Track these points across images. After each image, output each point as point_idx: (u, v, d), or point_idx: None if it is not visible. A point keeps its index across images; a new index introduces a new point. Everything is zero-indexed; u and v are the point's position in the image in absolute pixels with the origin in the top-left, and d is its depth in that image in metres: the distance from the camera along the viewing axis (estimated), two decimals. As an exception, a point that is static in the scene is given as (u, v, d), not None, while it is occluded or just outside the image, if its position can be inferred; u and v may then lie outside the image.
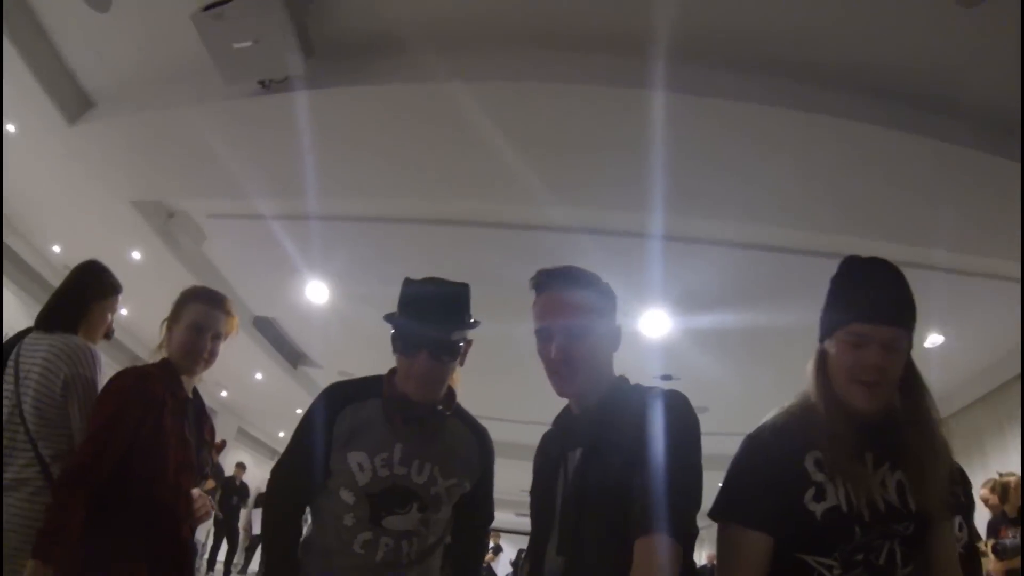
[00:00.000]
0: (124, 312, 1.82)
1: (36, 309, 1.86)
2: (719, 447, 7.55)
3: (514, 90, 2.84)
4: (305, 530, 1.38)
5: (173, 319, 1.65)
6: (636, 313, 4.39)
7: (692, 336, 4.77)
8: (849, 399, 1.05)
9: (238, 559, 8.13)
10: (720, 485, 1.11)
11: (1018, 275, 3.47)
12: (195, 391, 1.73)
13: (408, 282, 1.34)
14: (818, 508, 1.01)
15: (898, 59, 2.66)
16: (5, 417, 1.63)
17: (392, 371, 1.35)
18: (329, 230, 4.00)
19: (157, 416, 1.51)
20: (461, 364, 1.37)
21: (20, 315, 4.84)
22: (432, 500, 1.32)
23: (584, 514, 1.05)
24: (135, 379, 1.54)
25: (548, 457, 1.20)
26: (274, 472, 1.39)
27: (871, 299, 1.06)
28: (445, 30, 2.83)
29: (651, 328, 4.60)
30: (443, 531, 1.41)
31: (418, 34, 2.83)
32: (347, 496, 1.29)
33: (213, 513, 1.63)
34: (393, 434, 1.31)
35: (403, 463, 1.30)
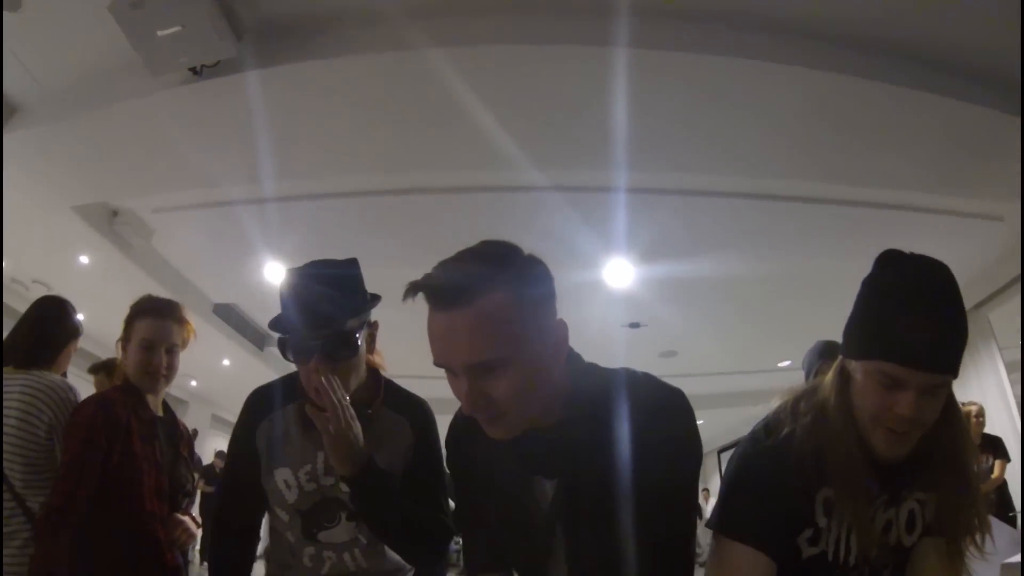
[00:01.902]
0: (81, 316, 1.77)
1: (-11, 331, 1.78)
2: (689, 387, 7.86)
3: (471, 54, 2.74)
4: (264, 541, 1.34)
5: (124, 338, 1.56)
6: (601, 264, 4.44)
7: (658, 284, 4.85)
8: (872, 443, 0.89)
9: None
10: (723, 489, 0.99)
11: (966, 210, 3.65)
12: (165, 406, 1.66)
13: (289, 273, 1.16)
14: (807, 551, 0.93)
15: (850, 5, 2.68)
16: None
17: None
18: (283, 210, 3.89)
19: (125, 443, 1.45)
20: (371, 351, 1.24)
21: None
22: None
23: (588, 536, 0.85)
24: (95, 407, 1.47)
25: (493, 474, 0.93)
26: (214, 505, 1.34)
27: (912, 334, 0.82)
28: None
29: (616, 278, 4.67)
30: None
31: (363, 4, 2.71)
32: (282, 514, 1.23)
33: (199, 535, 1.59)
34: (313, 443, 1.19)
35: (329, 473, 1.19)
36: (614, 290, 4.86)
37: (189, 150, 3.32)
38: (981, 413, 4.41)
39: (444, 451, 1.07)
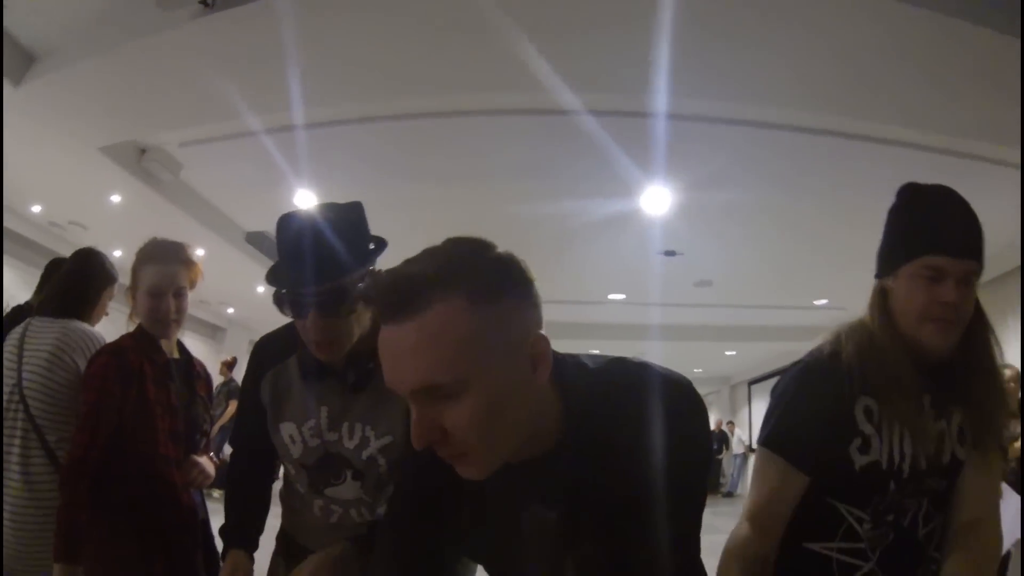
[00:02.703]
0: (118, 254, 1.81)
1: (28, 273, 1.83)
2: (724, 318, 7.76)
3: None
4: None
5: (133, 285, 1.55)
6: (638, 191, 4.30)
7: (696, 214, 4.69)
8: (922, 339, 0.98)
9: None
10: (768, 409, 1.06)
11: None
12: (181, 347, 1.66)
13: (282, 221, 1.08)
14: (859, 460, 0.98)
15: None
16: (5, 398, 1.60)
17: None
18: (311, 138, 3.81)
19: (139, 389, 1.45)
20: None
21: (14, 282, 4.84)
22: (366, 465, 1.16)
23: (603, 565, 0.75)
24: (109, 356, 1.48)
25: (475, 505, 0.80)
26: (230, 442, 1.34)
27: (948, 229, 0.98)
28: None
29: (653, 205, 4.53)
30: None
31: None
32: (289, 467, 1.23)
33: (214, 475, 1.60)
34: (316, 397, 1.16)
35: (332, 428, 1.16)
36: (651, 218, 4.73)
37: (211, 82, 3.26)
38: (1016, 378, 4.18)
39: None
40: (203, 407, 1.65)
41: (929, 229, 0.99)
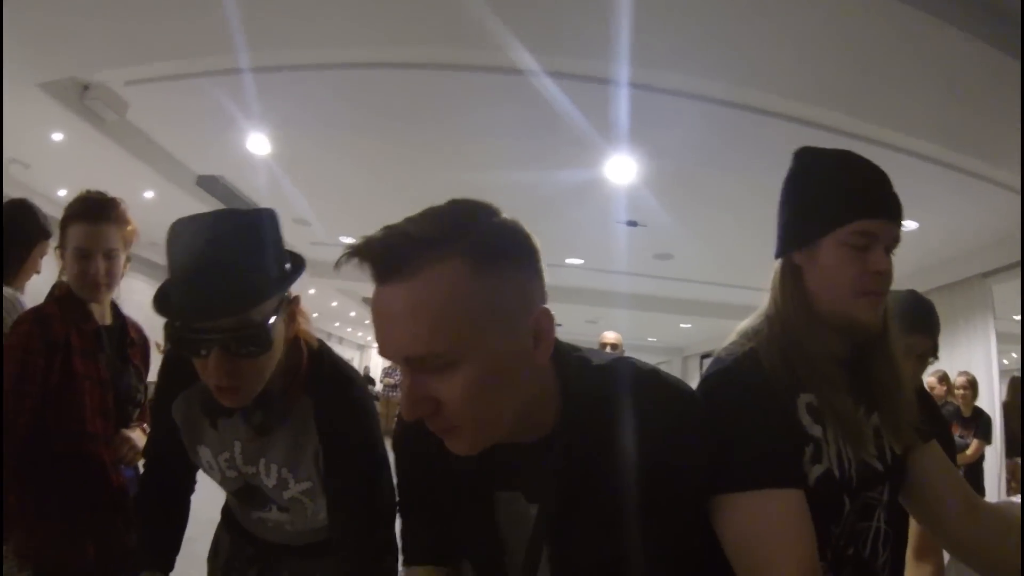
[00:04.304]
0: (62, 193, 1.66)
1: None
2: (680, 292, 7.91)
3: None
4: None
5: (61, 245, 1.42)
6: (602, 159, 4.27)
7: (659, 185, 4.67)
8: (855, 315, 0.84)
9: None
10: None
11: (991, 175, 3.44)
12: (116, 312, 1.53)
13: (175, 228, 0.86)
14: (813, 472, 0.80)
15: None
16: None
17: None
18: (263, 82, 3.64)
19: (64, 361, 1.35)
20: (292, 332, 0.97)
21: None
22: (290, 503, 1.06)
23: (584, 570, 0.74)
24: (31, 325, 1.36)
25: (453, 488, 0.78)
26: (143, 452, 1.23)
27: (879, 190, 0.86)
28: None
29: (617, 174, 4.51)
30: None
31: None
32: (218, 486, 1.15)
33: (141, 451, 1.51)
34: (228, 431, 1.02)
35: (249, 463, 1.03)
36: (615, 187, 4.71)
37: (155, 18, 3.06)
38: (970, 385, 4.32)
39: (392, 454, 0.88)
40: (137, 377, 1.54)
41: (860, 191, 0.85)
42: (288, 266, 0.92)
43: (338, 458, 0.98)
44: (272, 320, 0.88)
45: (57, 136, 4.69)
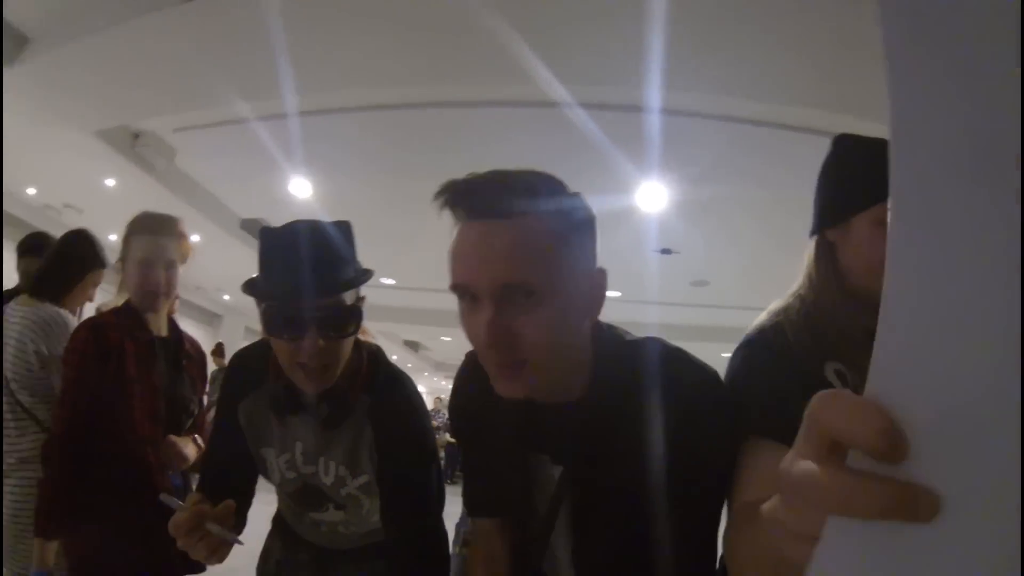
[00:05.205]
0: (113, 238, 1.78)
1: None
2: (718, 319, 7.76)
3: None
4: None
5: (123, 257, 1.51)
6: (633, 187, 4.26)
7: (692, 211, 4.65)
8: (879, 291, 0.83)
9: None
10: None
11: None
12: (173, 326, 1.61)
13: (270, 229, 0.98)
14: None
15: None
16: None
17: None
18: (306, 126, 3.80)
19: (118, 366, 1.42)
20: (363, 329, 1.07)
21: (8, 262, 4.83)
22: (347, 500, 1.10)
23: (598, 541, 0.78)
24: (88, 332, 1.45)
25: (494, 443, 0.85)
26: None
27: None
28: None
29: (648, 202, 4.49)
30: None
31: None
32: (275, 489, 1.18)
33: (192, 458, 1.55)
34: (291, 432, 1.08)
35: (308, 462, 1.08)
36: (646, 215, 4.70)
37: (203, 67, 3.25)
38: None
39: (450, 401, 0.97)
40: (191, 388, 1.60)
41: (880, 174, 0.85)
42: (365, 270, 1.04)
43: (393, 449, 1.05)
44: (355, 312, 0.98)
45: (110, 182, 4.94)
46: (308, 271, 0.92)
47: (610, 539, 0.74)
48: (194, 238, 1.61)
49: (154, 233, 1.50)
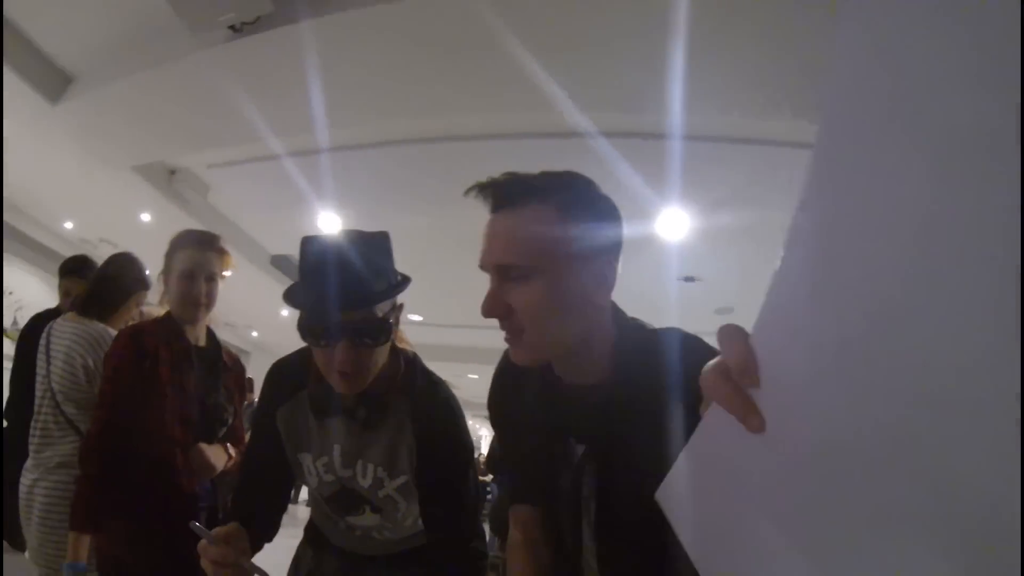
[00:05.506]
0: (147, 272, 1.87)
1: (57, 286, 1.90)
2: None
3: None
4: None
5: (166, 270, 1.60)
6: (654, 215, 4.27)
7: (715, 237, 4.64)
8: None
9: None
10: None
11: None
12: (212, 337, 1.66)
13: (309, 241, 1.02)
14: None
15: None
16: (38, 399, 1.70)
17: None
18: (335, 160, 3.92)
19: (153, 369, 1.47)
20: (400, 335, 1.13)
21: (45, 296, 4.98)
22: (384, 502, 1.13)
23: (619, 524, 0.83)
24: (126, 338, 1.52)
25: (527, 430, 0.92)
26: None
27: None
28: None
29: (670, 229, 4.49)
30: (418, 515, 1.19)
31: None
32: (311, 493, 1.22)
33: (220, 467, 1.57)
34: (329, 435, 1.11)
35: (346, 466, 1.11)
36: (668, 242, 4.69)
37: (237, 105, 3.38)
38: None
39: (489, 398, 1.02)
40: (227, 398, 1.64)
41: None
42: (399, 278, 1.07)
43: (432, 450, 1.09)
44: (390, 320, 1.03)
45: (146, 217, 5.09)
46: (339, 283, 0.97)
47: (630, 516, 0.78)
48: (226, 273, 1.68)
49: (197, 247, 1.57)
